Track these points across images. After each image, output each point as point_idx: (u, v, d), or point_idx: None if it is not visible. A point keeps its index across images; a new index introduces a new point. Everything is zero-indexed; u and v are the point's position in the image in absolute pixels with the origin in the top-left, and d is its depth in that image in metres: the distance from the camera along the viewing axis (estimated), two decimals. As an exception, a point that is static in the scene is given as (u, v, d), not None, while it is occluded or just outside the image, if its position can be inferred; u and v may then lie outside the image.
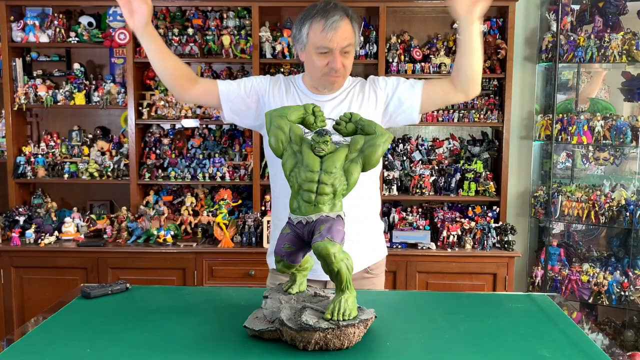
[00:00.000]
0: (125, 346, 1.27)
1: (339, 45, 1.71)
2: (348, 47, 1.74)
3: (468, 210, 3.52)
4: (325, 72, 1.76)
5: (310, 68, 1.80)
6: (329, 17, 1.70)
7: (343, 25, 1.71)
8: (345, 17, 1.72)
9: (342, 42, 1.72)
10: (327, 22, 1.69)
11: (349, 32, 1.73)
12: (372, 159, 1.38)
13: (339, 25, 1.69)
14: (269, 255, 1.91)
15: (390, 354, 1.24)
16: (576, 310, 2.81)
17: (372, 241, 1.94)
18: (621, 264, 3.45)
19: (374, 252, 1.95)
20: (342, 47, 1.72)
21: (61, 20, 3.48)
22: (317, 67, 1.76)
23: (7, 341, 1.31)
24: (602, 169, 3.65)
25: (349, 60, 1.77)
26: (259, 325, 1.29)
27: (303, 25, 1.75)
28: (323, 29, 1.70)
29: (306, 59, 1.80)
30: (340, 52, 1.73)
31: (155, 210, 3.40)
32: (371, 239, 1.93)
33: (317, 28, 1.71)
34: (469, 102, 3.53)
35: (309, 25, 1.73)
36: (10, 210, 3.46)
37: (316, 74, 1.79)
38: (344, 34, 1.71)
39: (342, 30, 1.70)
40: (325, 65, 1.74)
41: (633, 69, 3.49)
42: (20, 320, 3.28)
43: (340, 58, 1.73)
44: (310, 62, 1.78)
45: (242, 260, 3.28)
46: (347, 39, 1.72)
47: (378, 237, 1.98)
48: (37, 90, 3.51)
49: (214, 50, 3.51)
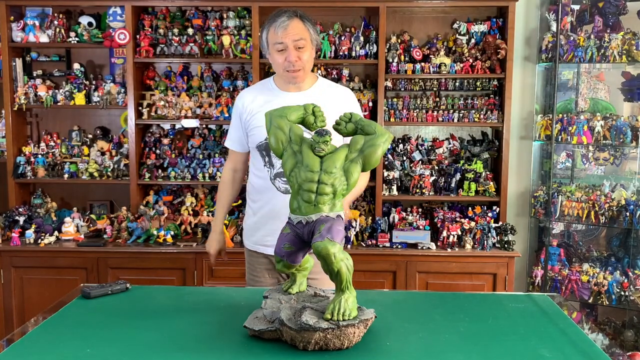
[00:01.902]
0: (125, 346, 1.27)
1: (290, 39, 1.98)
2: (300, 41, 1.99)
3: (468, 210, 3.52)
4: (285, 66, 2.02)
5: (274, 66, 2.08)
6: (277, 19, 2.00)
7: (292, 24, 1.99)
8: (294, 17, 2.00)
9: (293, 36, 1.98)
10: (276, 22, 2.00)
11: (299, 28, 1.99)
12: (372, 159, 1.38)
13: (287, 23, 1.98)
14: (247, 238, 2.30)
15: (390, 354, 1.24)
16: (576, 310, 2.81)
17: None
18: (621, 264, 3.45)
19: None
20: (294, 40, 1.98)
21: (61, 20, 3.47)
22: (278, 63, 2.04)
23: (7, 341, 1.32)
24: (602, 169, 3.65)
25: (305, 54, 2.02)
26: (259, 325, 1.29)
27: (263, 32, 2.06)
28: (275, 29, 2.00)
29: (270, 59, 2.09)
30: (294, 47, 1.99)
31: (155, 210, 3.40)
32: None
33: (271, 30, 2.02)
34: (469, 102, 3.54)
35: (266, 31, 2.05)
36: (10, 210, 3.46)
37: (279, 70, 2.06)
38: (294, 30, 1.99)
39: (291, 27, 1.98)
40: (284, 60, 2.01)
41: (633, 69, 3.49)
42: (20, 320, 3.28)
43: (294, 52, 1.99)
44: (273, 61, 2.07)
45: (242, 260, 3.25)
46: (297, 34, 1.99)
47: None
48: (37, 90, 3.51)
49: (214, 50, 3.51)
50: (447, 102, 3.57)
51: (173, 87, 3.61)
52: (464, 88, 3.56)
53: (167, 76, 3.67)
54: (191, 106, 3.52)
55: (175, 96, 3.54)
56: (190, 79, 3.65)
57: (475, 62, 3.46)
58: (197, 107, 3.53)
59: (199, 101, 3.55)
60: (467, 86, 3.55)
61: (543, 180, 3.64)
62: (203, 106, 3.53)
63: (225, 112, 3.50)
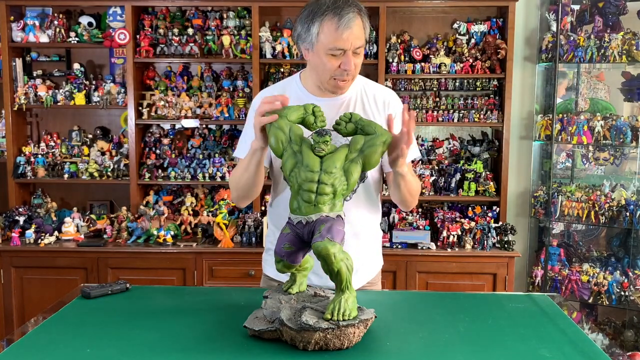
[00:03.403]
0: (125, 346, 1.27)
1: (353, 45, 1.57)
2: (360, 47, 1.60)
3: (468, 210, 3.52)
4: (336, 74, 1.61)
5: (319, 69, 1.64)
6: (342, 14, 1.54)
7: (357, 23, 1.56)
8: (358, 14, 1.58)
9: (355, 41, 1.57)
10: (341, 20, 1.53)
11: (361, 29, 1.59)
12: (372, 159, 1.38)
13: (353, 23, 1.55)
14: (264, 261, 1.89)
15: (390, 354, 1.24)
16: (576, 310, 2.81)
17: (372, 256, 1.89)
18: (621, 264, 3.45)
19: (373, 266, 1.90)
20: (355, 47, 1.58)
21: (61, 20, 3.47)
22: (327, 68, 1.61)
23: (7, 341, 1.32)
24: (602, 169, 3.65)
25: (359, 59, 1.64)
26: (259, 325, 1.29)
27: (312, 24, 1.58)
28: (337, 28, 1.54)
29: (314, 60, 1.63)
30: (353, 52, 1.59)
31: (155, 210, 3.40)
32: (370, 254, 1.88)
33: (329, 27, 1.55)
34: (469, 102, 3.54)
35: (319, 24, 1.56)
36: (10, 210, 3.46)
37: (325, 76, 1.64)
38: (359, 32, 1.57)
39: (357, 29, 1.56)
40: (337, 67, 1.59)
41: (633, 69, 3.49)
42: (20, 320, 3.28)
43: (352, 59, 1.59)
44: (319, 62, 1.62)
45: (242, 260, 3.28)
46: (361, 38, 1.59)
47: (377, 251, 1.93)
48: (37, 90, 3.51)
49: (214, 50, 3.51)
50: (447, 102, 3.57)
51: (173, 87, 3.61)
52: (464, 88, 3.56)
53: (167, 76, 3.67)
54: (191, 106, 3.52)
55: (175, 96, 3.54)
56: (190, 79, 3.65)
57: (475, 62, 3.46)
58: (197, 107, 3.53)
59: (199, 101, 3.55)
60: (467, 86, 3.55)
61: (543, 180, 3.64)
62: (203, 106, 3.53)
63: (225, 112, 3.50)
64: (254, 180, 1.66)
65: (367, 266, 1.85)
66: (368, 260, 1.85)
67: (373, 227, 1.87)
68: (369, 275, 1.87)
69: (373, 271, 1.89)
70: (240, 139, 1.81)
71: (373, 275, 1.89)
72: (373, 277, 1.89)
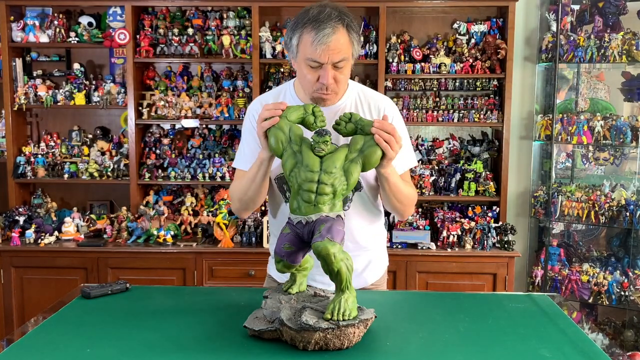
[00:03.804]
0: (125, 346, 1.27)
1: (330, 59, 1.53)
2: (341, 62, 1.55)
3: (468, 210, 3.52)
4: (316, 87, 1.59)
5: (302, 80, 1.64)
6: (320, 28, 1.51)
7: (336, 38, 1.51)
8: (341, 27, 1.53)
9: (334, 56, 1.53)
10: (317, 34, 1.50)
11: (343, 44, 1.54)
12: (372, 158, 1.38)
13: (330, 39, 1.50)
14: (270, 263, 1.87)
15: (390, 354, 1.24)
16: (576, 310, 2.81)
17: (376, 260, 1.88)
18: (621, 264, 3.45)
19: (378, 268, 1.89)
20: (333, 61, 1.54)
21: (61, 20, 3.47)
22: (307, 80, 1.59)
23: (7, 341, 1.32)
24: (602, 169, 3.65)
25: (343, 74, 1.59)
26: (259, 325, 1.29)
27: (294, 35, 1.57)
28: (312, 42, 1.51)
29: (298, 70, 1.63)
30: (332, 66, 1.55)
31: (155, 210, 3.40)
32: (375, 258, 1.87)
33: (307, 40, 1.53)
34: (469, 102, 3.54)
35: (299, 36, 1.55)
36: (10, 210, 3.46)
37: (307, 87, 1.62)
38: (337, 47, 1.52)
39: (334, 44, 1.51)
40: (316, 80, 1.57)
41: (633, 69, 3.49)
42: (20, 320, 3.28)
43: (331, 72, 1.55)
44: (301, 73, 1.61)
45: (242, 260, 3.28)
46: (340, 52, 1.53)
47: (382, 255, 1.92)
48: (37, 90, 3.51)
49: (214, 50, 3.51)
50: (447, 102, 3.57)
51: (173, 87, 3.61)
52: (464, 88, 3.56)
53: (167, 76, 3.67)
54: (191, 106, 3.52)
55: (175, 96, 3.54)
56: (190, 79, 3.65)
57: (475, 62, 3.46)
58: (197, 107, 3.53)
59: (199, 101, 3.55)
60: (467, 86, 3.55)
61: (543, 180, 3.64)
62: (203, 106, 3.53)
63: (225, 112, 3.50)
64: (260, 191, 1.64)
65: (372, 269, 1.85)
66: (372, 264, 1.85)
67: (376, 232, 1.87)
68: (374, 277, 1.87)
69: (378, 273, 1.89)
70: (238, 150, 1.80)
71: (379, 277, 1.88)
72: (378, 278, 1.88)
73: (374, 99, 1.76)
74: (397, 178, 1.60)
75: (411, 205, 1.72)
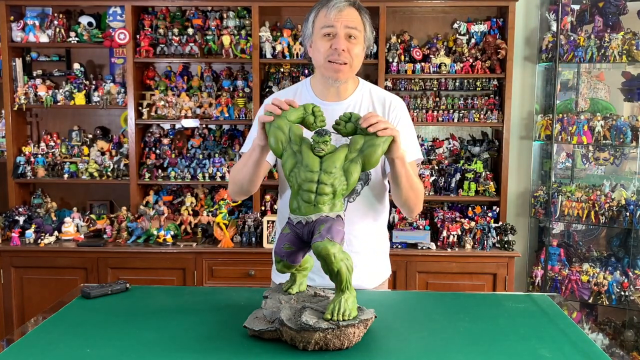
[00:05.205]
0: (125, 346, 1.27)
1: (342, 24, 1.65)
2: (354, 30, 1.67)
3: (468, 210, 3.52)
4: (329, 54, 1.67)
5: (316, 57, 1.72)
6: (333, 1, 1.68)
7: (347, 9, 1.67)
8: (353, 7, 1.69)
9: (346, 22, 1.65)
10: (330, 3, 1.68)
11: (355, 18, 1.68)
12: (372, 158, 1.38)
13: (342, 7, 1.66)
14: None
15: (390, 354, 1.24)
16: (576, 310, 2.81)
17: (379, 266, 1.88)
18: (621, 264, 3.45)
19: (381, 274, 1.89)
20: (346, 26, 1.65)
21: (61, 20, 3.47)
22: (322, 52, 1.68)
23: (7, 341, 1.32)
24: (602, 169, 3.65)
25: (356, 48, 1.68)
26: (259, 325, 1.29)
27: (310, 15, 1.73)
28: (327, 10, 1.67)
29: (313, 50, 1.73)
30: (345, 35, 1.66)
31: (155, 210, 3.40)
32: (378, 264, 1.88)
33: (321, 14, 1.69)
34: (469, 102, 3.54)
35: (315, 13, 1.71)
36: (10, 210, 3.46)
37: (320, 60, 1.70)
38: (349, 16, 1.67)
39: (347, 12, 1.67)
40: (329, 47, 1.66)
41: (633, 69, 3.49)
42: (20, 320, 3.28)
43: (344, 41, 1.66)
44: (315, 49, 1.71)
45: (242, 260, 3.28)
46: (352, 20, 1.67)
47: (384, 261, 1.92)
48: (37, 90, 3.51)
49: (214, 50, 3.51)
50: (447, 102, 3.57)
51: (173, 87, 3.61)
52: (464, 88, 3.56)
53: (167, 76, 3.67)
54: (191, 106, 3.52)
55: (175, 96, 3.54)
56: (190, 79, 3.65)
57: (475, 62, 3.46)
58: (197, 107, 3.53)
59: (199, 101, 3.55)
60: (467, 86, 3.55)
61: (543, 180, 3.64)
62: (203, 106, 3.53)
63: (225, 112, 3.50)
64: (251, 177, 1.68)
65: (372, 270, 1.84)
66: (373, 264, 1.85)
67: (379, 233, 1.86)
68: (376, 281, 1.86)
69: (379, 277, 1.87)
70: (248, 135, 1.88)
71: (379, 282, 1.87)
72: (379, 284, 1.87)
73: (384, 95, 1.82)
74: (408, 166, 1.61)
75: (421, 198, 1.73)
